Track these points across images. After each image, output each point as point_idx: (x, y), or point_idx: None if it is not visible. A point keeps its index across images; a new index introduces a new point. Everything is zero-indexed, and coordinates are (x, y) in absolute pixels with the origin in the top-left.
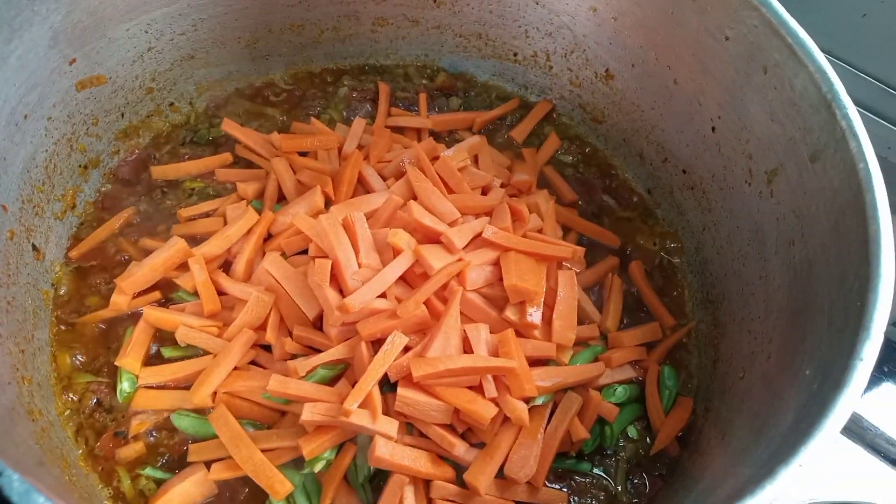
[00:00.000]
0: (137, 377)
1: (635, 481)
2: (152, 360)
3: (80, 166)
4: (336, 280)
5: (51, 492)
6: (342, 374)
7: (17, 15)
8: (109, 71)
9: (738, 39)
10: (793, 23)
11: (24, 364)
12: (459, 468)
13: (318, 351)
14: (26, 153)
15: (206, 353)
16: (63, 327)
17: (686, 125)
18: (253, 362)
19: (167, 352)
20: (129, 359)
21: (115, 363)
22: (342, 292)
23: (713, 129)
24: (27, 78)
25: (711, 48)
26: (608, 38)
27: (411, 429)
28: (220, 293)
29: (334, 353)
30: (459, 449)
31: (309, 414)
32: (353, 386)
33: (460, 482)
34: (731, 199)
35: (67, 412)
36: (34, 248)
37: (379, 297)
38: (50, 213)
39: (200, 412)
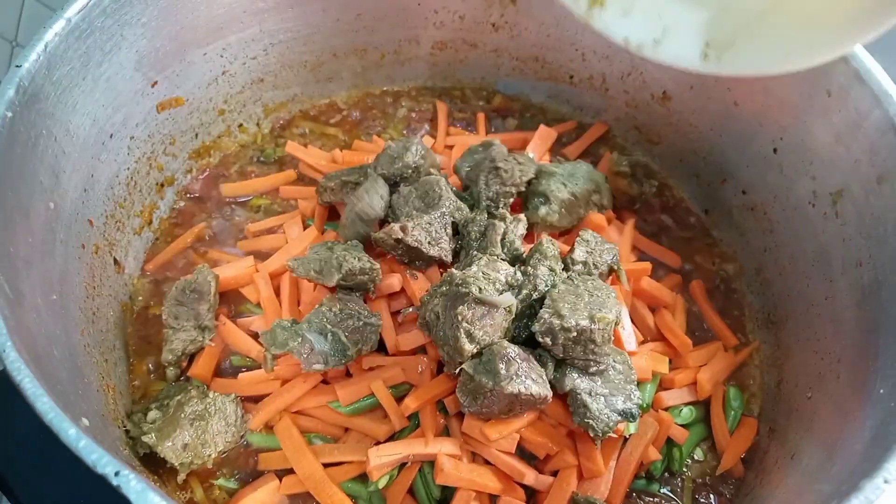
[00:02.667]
0: (209, 386)
1: (702, 501)
2: (225, 370)
3: (157, 184)
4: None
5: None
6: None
7: (108, 40)
8: (187, 93)
9: None
10: (858, 48)
11: (108, 373)
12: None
13: None
14: (111, 171)
15: None
16: (139, 338)
17: (746, 146)
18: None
19: (236, 360)
20: (201, 370)
21: (188, 374)
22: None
23: (775, 150)
24: (114, 99)
25: None
26: None
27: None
28: None
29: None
30: (530, 477)
31: (376, 459)
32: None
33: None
34: (794, 220)
35: None
36: (115, 261)
37: None
38: (129, 229)
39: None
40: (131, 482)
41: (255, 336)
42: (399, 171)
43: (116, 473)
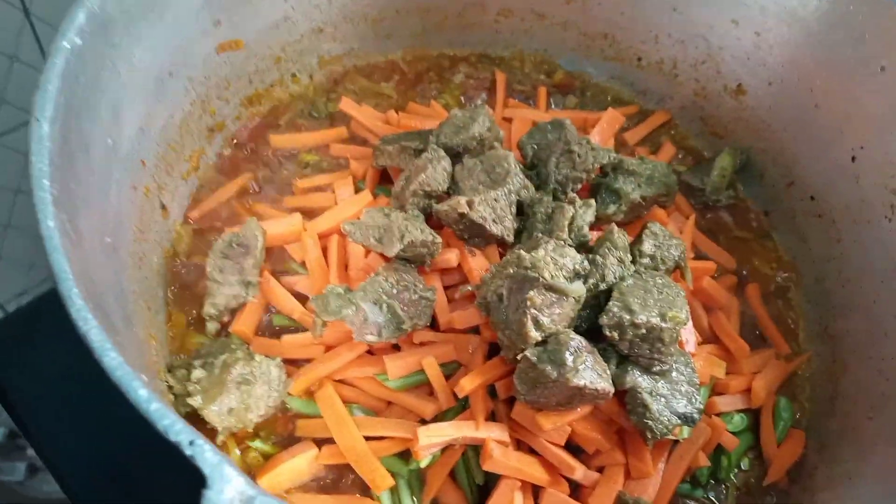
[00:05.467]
0: (250, 345)
1: None
2: (265, 328)
3: (207, 129)
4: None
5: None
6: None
7: None
8: (247, 36)
9: (894, 71)
10: None
11: (151, 322)
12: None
13: None
14: (167, 111)
15: None
16: (180, 287)
17: (822, 151)
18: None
19: (278, 319)
20: (243, 326)
21: (230, 330)
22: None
23: (853, 158)
24: (177, 36)
25: (863, 77)
26: (746, 53)
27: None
28: None
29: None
30: (579, 473)
31: (426, 438)
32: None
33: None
34: (865, 233)
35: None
36: (162, 206)
37: None
38: (178, 173)
39: (309, 392)
40: (206, 453)
41: (299, 296)
42: (463, 142)
43: (191, 443)
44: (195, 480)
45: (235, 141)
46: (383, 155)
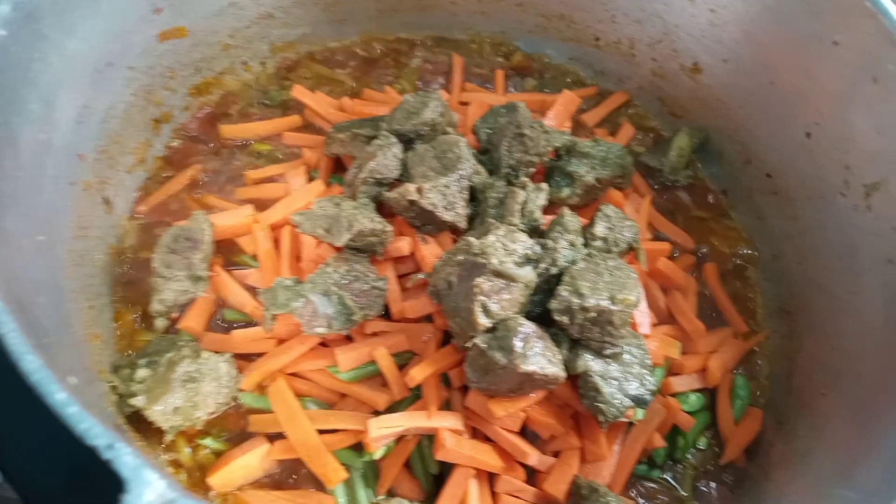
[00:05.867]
0: (199, 341)
1: (702, 489)
2: (216, 323)
3: (153, 120)
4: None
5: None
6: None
7: None
8: (191, 23)
9: (848, 46)
10: None
11: (94, 321)
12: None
13: None
14: (106, 102)
15: None
16: (126, 284)
17: (778, 128)
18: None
19: (229, 314)
20: (192, 322)
21: (178, 326)
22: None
23: (808, 134)
24: (115, 24)
25: (817, 52)
26: (701, 31)
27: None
28: None
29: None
30: (533, 458)
31: (377, 430)
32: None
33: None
34: (820, 209)
35: None
36: (105, 201)
37: None
38: (122, 167)
39: (262, 386)
40: (124, 457)
41: (250, 290)
42: (415, 128)
43: (109, 446)
44: None
45: (184, 132)
46: (335, 143)
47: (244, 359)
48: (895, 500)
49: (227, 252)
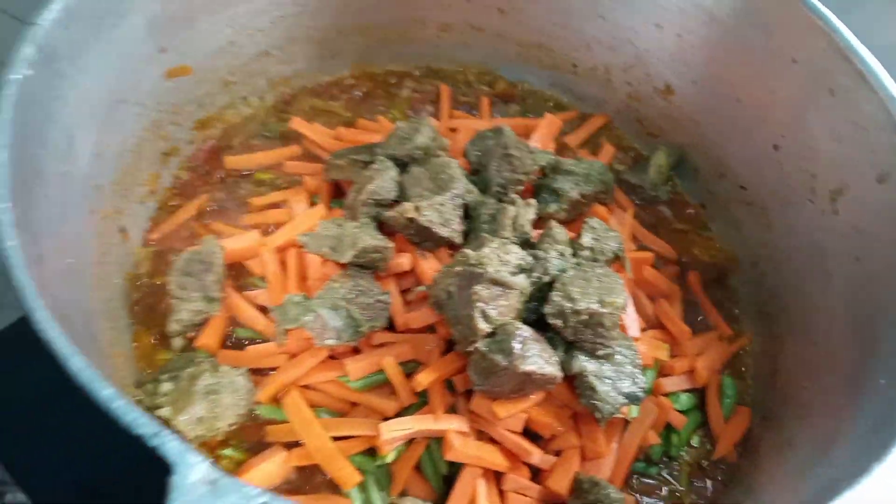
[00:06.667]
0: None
1: (697, 484)
2: (230, 341)
3: (162, 153)
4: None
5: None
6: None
7: (122, 2)
8: (194, 62)
9: (804, 62)
10: (862, 49)
11: (116, 341)
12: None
13: None
14: (119, 137)
15: None
16: (143, 307)
17: (747, 142)
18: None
19: (241, 332)
20: (208, 340)
21: (195, 345)
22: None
23: (775, 146)
24: (125, 64)
25: (777, 69)
26: (670, 55)
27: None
28: None
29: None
30: (536, 457)
31: (389, 433)
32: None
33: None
34: (792, 216)
35: None
36: (121, 229)
37: None
38: (135, 197)
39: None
40: (170, 443)
41: (261, 309)
42: (409, 153)
43: (155, 434)
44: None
45: (191, 164)
46: (334, 169)
47: (258, 374)
48: (864, 475)
49: (237, 275)
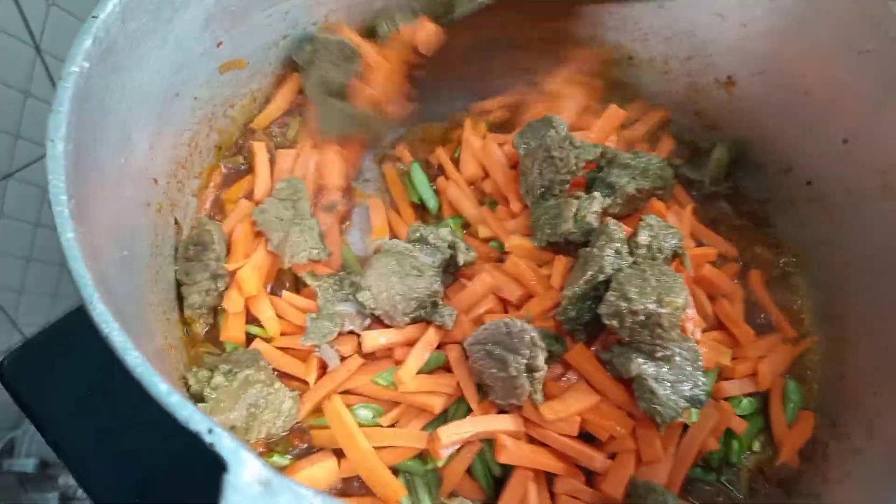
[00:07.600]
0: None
1: (758, 491)
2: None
3: (215, 146)
4: None
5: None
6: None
7: None
8: (248, 56)
9: (877, 53)
10: None
11: (169, 333)
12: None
13: None
14: (175, 130)
15: None
16: None
17: (815, 137)
18: None
19: (253, 329)
20: (232, 331)
21: (221, 339)
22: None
23: (845, 141)
24: (181, 57)
25: (847, 60)
26: (733, 45)
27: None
28: None
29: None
30: (598, 462)
31: (448, 437)
32: None
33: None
34: (861, 213)
35: None
36: (175, 221)
37: None
38: (188, 190)
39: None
40: (224, 440)
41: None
42: None
43: (210, 431)
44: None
45: (245, 158)
46: None
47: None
48: None
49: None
